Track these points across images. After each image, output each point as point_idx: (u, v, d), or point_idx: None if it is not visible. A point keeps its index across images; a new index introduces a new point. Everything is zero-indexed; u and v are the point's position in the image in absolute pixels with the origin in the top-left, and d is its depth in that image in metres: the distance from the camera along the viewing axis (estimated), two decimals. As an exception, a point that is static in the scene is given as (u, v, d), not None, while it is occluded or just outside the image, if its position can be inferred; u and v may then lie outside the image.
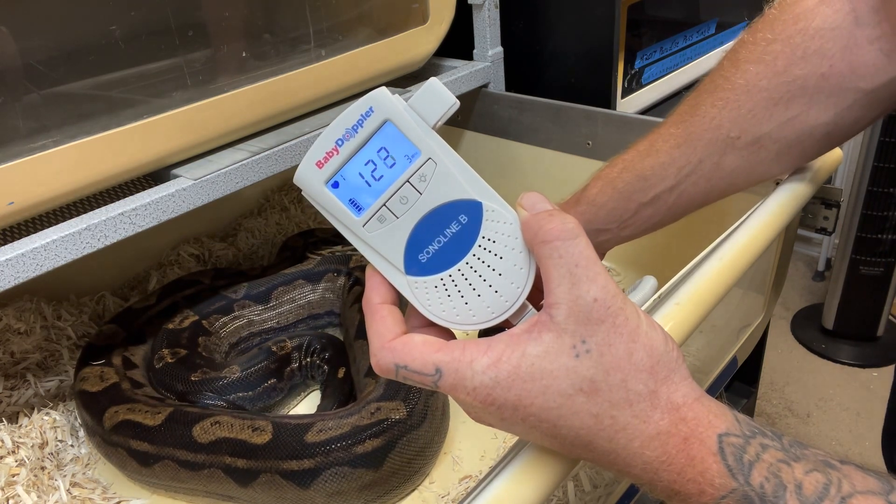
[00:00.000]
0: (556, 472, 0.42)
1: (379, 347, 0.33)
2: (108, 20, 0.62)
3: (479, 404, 0.31)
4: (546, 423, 0.31)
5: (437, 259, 0.34)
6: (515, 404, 0.31)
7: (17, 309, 0.83)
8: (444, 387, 0.32)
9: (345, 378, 0.74)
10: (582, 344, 0.30)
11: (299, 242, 0.97)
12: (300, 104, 0.78)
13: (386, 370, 0.33)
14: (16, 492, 0.63)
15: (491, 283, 0.33)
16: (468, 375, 0.31)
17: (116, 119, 0.63)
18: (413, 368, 0.32)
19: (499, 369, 0.31)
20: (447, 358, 0.32)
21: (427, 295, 0.34)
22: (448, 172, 0.33)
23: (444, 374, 0.32)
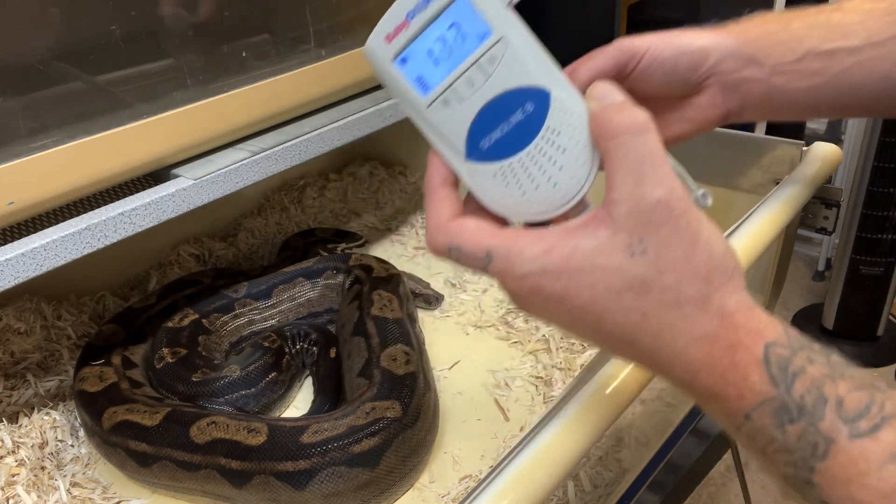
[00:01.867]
0: (556, 472, 0.42)
1: (435, 227, 0.34)
2: (108, 20, 0.62)
3: (525, 292, 0.31)
4: (591, 316, 0.31)
5: (499, 146, 0.33)
6: (562, 295, 0.30)
7: (17, 309, 0.83)
8: (493, 271, 0.32)
9: (336, 358, 0.75)
10: (639, 244, 0.29)
11: (299, 242, 0.97)
12: (300, 104, 0.78)
13: (439, 250, 0.34)
14: (16, 492, 0.63)
15: (551, 175, 0.32)
16: (517, 263, 0.31)
17: (116, 119, 0.63)
18: (465, 251, 0.32)
19: (549, 259, 0.30)
20: (499, 243, 0.32)
21: (485, 182, 0.33)
22: (518, 56, 0.32)
23: (495, 258, 0.32)
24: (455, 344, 0.82)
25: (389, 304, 0.75)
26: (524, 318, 0.85)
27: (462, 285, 0.93)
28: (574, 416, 0.44)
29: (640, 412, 0.72)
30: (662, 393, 0.76)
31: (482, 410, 0.72)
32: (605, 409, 0.45)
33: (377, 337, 0.70)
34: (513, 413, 0.72)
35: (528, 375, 0.76)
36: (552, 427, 0.43)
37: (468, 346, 0.82)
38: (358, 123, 0.79)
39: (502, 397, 0.74)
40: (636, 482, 0.70)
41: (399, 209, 1.13)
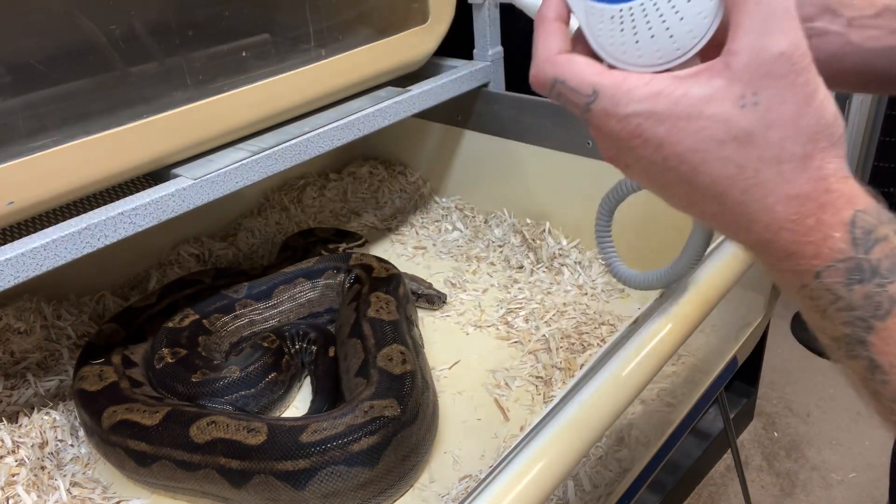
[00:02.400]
0: (556, 472, 0.42)
1: (543, 59, 0.33)
2: (108, 20, 0.62)
3: (625, 135, 0.31)
4: (686, 165, 0.30)
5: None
6: (662, 140, 0.30)
7: (17, 309, 0.83)
8: (596, 111, 0.32)
9: (335, 357, 0.75)
10: (752, 96, 0.29)
11: (299, 242, 0.97)
12: (300, 104, 0.78)
13: (543, 83, 0.33)
14: (16, 491, 0.63)
15: (669, 26, 0.31)
16: (623, 102, 0.30)
17: (116, 119, 0.63)
18: (570, 85, 0.32)
19: (657, 101, 0.30)
20: (607, 81, 0.31)
21: (600, 25, 0.32)
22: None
23: (600, 96, 0.31)
24: (455, 344, 0.82)
25: (386, 306, 0.75)
26: (525, 318, 0.85)
27: (462, 285, 0.93)
28: (574, 416, 0.44)
29: (640, 412, 0.72)
30: (662, 393, 0.76)
31: (482, 410, 0.72)
32: (604, 409, 0.45)
33: (373, 338, 0.70)
34: (513, 413, 0.72)
35: (528, 375, 0.76)
36: (552, 427, 0.43)
37: (468, 346, 0.82)
38: (358, 123, 0.79)
39: (502, 397, 0.74)
40: (636, 482, 0.70)
41: (399, 209, 1.13)
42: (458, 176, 1.09)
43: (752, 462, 1.40)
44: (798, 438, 1.48)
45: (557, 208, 0.97)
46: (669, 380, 0.76)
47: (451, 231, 1.05)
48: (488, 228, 1.03)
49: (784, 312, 1.94)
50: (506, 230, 1.01)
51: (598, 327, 0.81)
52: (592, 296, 0.88)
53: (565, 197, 0.95)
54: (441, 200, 1.12)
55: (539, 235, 0.97)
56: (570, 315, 0.84)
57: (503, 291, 0.91)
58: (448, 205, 1.11)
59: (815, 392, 1.66)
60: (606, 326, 0.81)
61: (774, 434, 1.49)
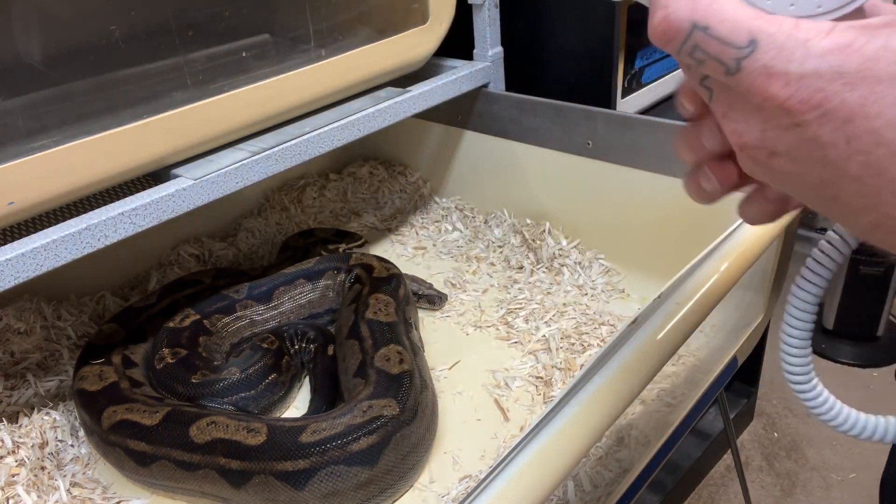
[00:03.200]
0: (556, 472, 0.42)
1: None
2: (108, 20, 0.62)
3: (795, 104, 0.22)
4: (884, 149, 0.22)
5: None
6: (853, 113, 0.22)
7: (17, 309, 0.83)
8: (750, 69, 0.23)
9: (334, 356, 0.76)
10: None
11: (299, 242, 0.97)
12: (300, 104, 0.78)
13: (675, 28, 0.24)
14: (16, 492, 0.63)
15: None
16: (797, 57, 0.22)
17: (116, 119, 0.63)
18: (717, 33, 0.23)
19: (846, 57, 0.22)
20: (771, 28, 0.23)
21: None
22: None
23: (761, 48, 0.23)
24: (455, 344, 0.82)
25: (385, 307, 0.75)
26: (525, 318, 0.85)
27: (462, 286, 0.93)
28: (574, 416, 0.44)
29: (640, 412, 0.72)
30: (662, 393, 0.76)
31: (482, 410, 0.72)
32: (604, 409, 0.45)
33: (370, 339, 0.71)
34: (513, 413, 0.72)
35: (528, 375, 0.76)
36: (552, 427, 0.43)
37: (468, 346, 0.82)
38: (358, 124, 0.79)
39: (502, 397, 0.74)
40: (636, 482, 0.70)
41: (399, 209, 1.13)
42: (458, 176, 1.09)
43: (752, 462, 1.40)
44: (798, 438, 1.48)
45: (557, 208, 0.97)
46: (669, 380, 0.76)
47: (451, 231, 1.05)
48: (488, 229, 1.03)
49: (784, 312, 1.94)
50: (506, 230, 1.01)
51: (598, 327, 0.81)
52: (592, 296, 0.88)
53: (565, 197, 0.95)
54: (441, 201, 1.12)
55: (539, 236, 0.97)
56: (570, 315, 0.84)
57: (503, 292, 0.91)
58: (448, 205, 1.11)
59: (815, 392, 1.65)
60: (606, 326, 0.81)
61: (774, 434, 1.49)
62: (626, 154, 0.84)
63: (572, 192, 0.93)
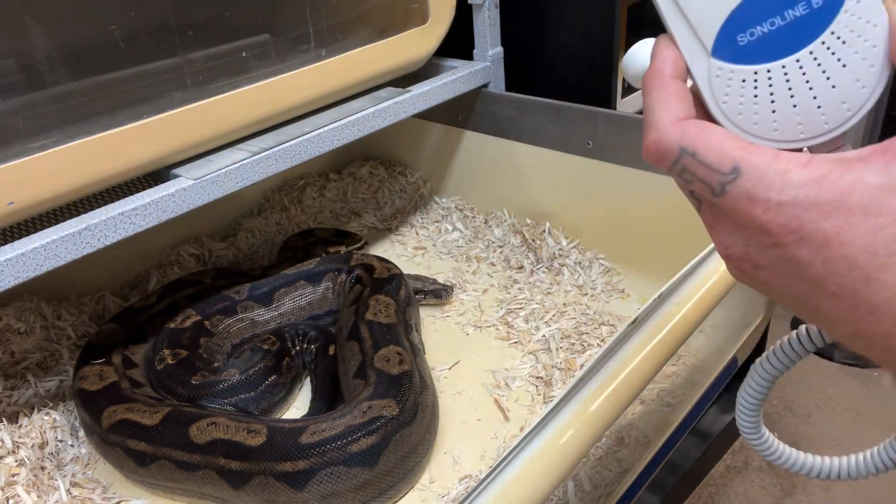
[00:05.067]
0: (556, 472, 0.42)
1: (667, 123, 0.27)
2: (108, 20, 0.62)
3: (775, 228, 0.24)
4: (857, 272, 0.24)
5: (761, 46, 0.26)
6: (828, 239, 0.24)
7: (17, 309, 0.83)
8: (734, 194, 0.25)
9: (334, 356, 0.76)
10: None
11: (300, 242, 0.97)
12: (300, 104, 0.78)
13: (665, 152, 0.27)
14: (16, 492, 0.63)
15: (818, 94, 0.26)
16: (777, 186, 0.24)
17: (116, 119, 0.63)
18: (703, 159, 0.26)
19: (822, 189, 0.23)
20: (753, 158, 0.25)
21: (728, 89, 0.27)
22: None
23: (744, 176, 0.25)
24: (455, 344, 0.82)
25: (385, 309, 0.75)
26: (525, 318, 0.85)
27: (462, 285, 0.93)
28: (574, 416, 0.44)
29: (640, 412, 0.72)
30: (662, 393, 0.76)
31: (482, 410, 0.72)
32: (604, 409, 0.45)
33: (370, 340, 0.71)
34: (513, 413, 0.72)
35: (528, 375, 0.76)
36: (552, 427, 0.43)
37: (468, 346, 0.82)
38: (358, 124, 0.79)
39: (502, 397, 0.74)
40: (636, 482, 0.70)
41: (399, 209, 1.13)
42: (458, 176, 1.09)
43: (752, 462, 1.40)
44: (798, 438, 1.48)
45: (557, 208, 0.97)
46: (669, 380, 0.76)
47: (451, 231, 1.05)
48: (488, 229, 1.03)
49: (784, 312, 1.94)
50: (506, 230, 1.01)
51: (598, 327, 0.81)
52: (592, 296, 0.88)
53: (565, 197, 0.95)
54: (441, 200, 1.12)
55: (539, 236, 0.97)
56: (570, 315, 0.84)
57: (503, 292, 0.91)
58: (448, 205, 1.11)
59: (815, 392, 1.66)
60: (606, 326, 0.81)
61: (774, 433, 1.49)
62: (626, 154, 0.84)
63: (572, 192, 0.93)
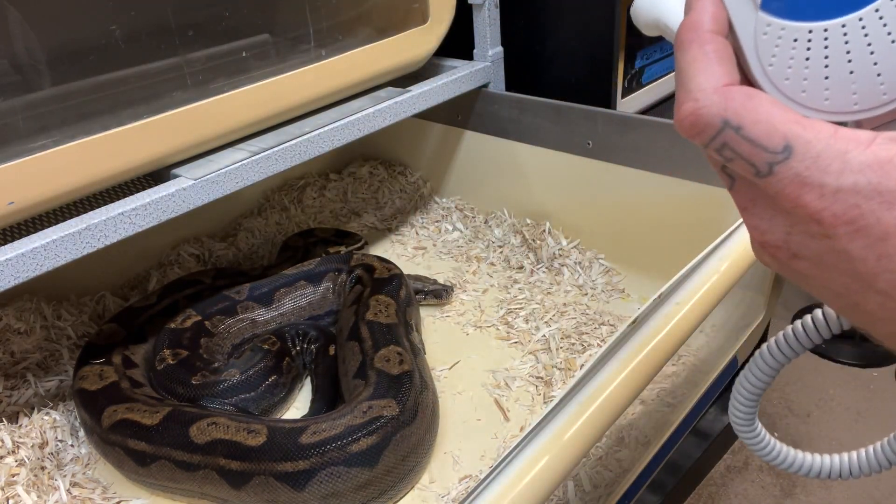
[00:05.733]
0: (556, 472, 0.42)
1: (708, 90, 0.23)
2: (108, 20, 0.62)
3: (828, 217, 0.21)
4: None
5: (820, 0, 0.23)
6: (888, 233, 0.21)
7: (17, 309, 0.83)
8: (783, 176, 0.22)
9: (335, 356, 0.76)
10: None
11: (300, 242, 0.97)
12: (300, 104, 0.78)
13: (705, 123, 0.23)
14: (16, 492, 0.63)
15: (879, 59, 0.22)
16: (833, 169, 0.21)
17: (116, 119, 0.63)
18: (750, 134, 0.22)
19: (886, 174, 0.20)
20: (808, 135, 0.21)
21: (777, 49, 0.23)
22: None
23: (796, 155, 0.21)
24: (455, 344, 0.82)
25: (385, 309, 0.75)
26: (525, 318, 0.85)
27: (462, 285, 0.93)
28: (574, 416, 0.44)
29: (640, 412, 0.72)
30: (662, 393, 0.76)
31: (482, 410, 0.72)
32: (605, 409, 0.45)
33: (370, 340, 0.71)
34: (513, 413, 0.72)
35: (528, 375, 0.76)
36: (552, 427, 0.43)
37: (468, 346, 0.82)
38: (358, 124, 0.79)
39: (502, 397, 0.74)
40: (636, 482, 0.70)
41: (399, 209, 1.13)
42: (458, 176, 1.09)
43: (752, 462, 1.40)
44: (798, 438, 1.48)
45: (557, 208, 0.97)
46: (669, 380, 0.76)
47: (451, 231, 1.05)
48: (488, 229, 1.03)
49: (784, 313, 1.94)
50: (506, 230, 1.01)
51: (598, 327, 0.81)
52: (592, 296, 0.88)
53: (565, 197, 0.95)
54: (441, 200, 1.12)
55: (539, 235, 0.97)
56: (570, 315, 0.84)
57: (503, 292, 0.91)
58: (448, 205, 1.11)
59: (815, 392, 1.66)
60: (606, 326, 0.81)
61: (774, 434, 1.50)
62: (626, 154, 0.84)
63: (572, 192, 0.93)
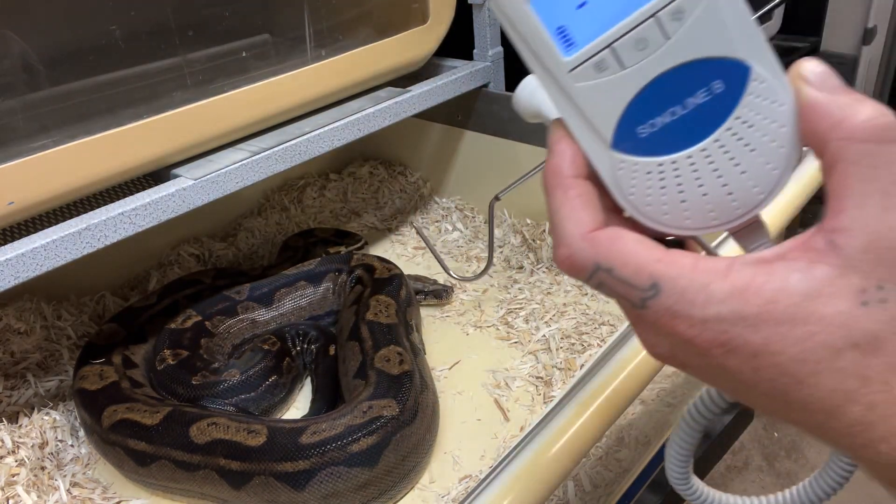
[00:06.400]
0: (556, 472, 0.42)
1: (578, 237, 0.25)
2: (108, 20, 0.62)
3: (701, 343, 0.23)
4: (788, 378, 0.23)
5: (663, 137, 0.24)
6: (757, 350, 0.23)
7: (17, 309, 0.83)
8: (656, 309, 0.24)
9: (335, 356, 0.76)
10: (877, 290, 0.22)
11: (300, 242, 0.97)
12: (300, 104, 0.78)
13: (580, 268, 0.25)
14: (16, 492, 0.63)
15: (727, 181, 0.24)
16: (699, 302, 0.23)
17: (116, 119, 0.63)
18: (620, 275, 0.24)
19: (746, 301, 0.22)
20: (672, 272, 0.23)
21: (633, 181, 0.25)
22: (717, 12, 0.23)
23: (664, 292, 0.23)
24: (455, 344, 0.82)
25: (386, 309, 0.75)
26: (525, 318, 0.85)
27: (462, 286, 0.93)
28: (574, 416, 0.44)
29: (640, 412, 0.72)
30: (662, 393, 0.76)
31: (482, 410, 0.72)
32: (604, 409, 0.45)
33: (370, 340, 0.71)
34: (513, 413, 0.72)
35: (528, 375, 0.76)
36: (552, 427, 0.43)
37: (468, 346, 0.82)
38: (358, 123, 0.79)
39: (502, 397, 0.74)
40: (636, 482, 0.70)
41: (399, 209, 1.13)
42: (458, 176, 1.09)
43: (752, 462, 1.40)
44: (798, 438, 1.48)
45: (557, 208, 0.97)
46: (670, 380, 0.76)
47: (451, 231, 1.05)
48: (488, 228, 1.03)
49: (784, 312, 1.94)
50: (506, 230, 1.01)
51: (598, 327, 0.81)
52: (592, 296, 0.88)
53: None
54: (441, 200, 1.12)
55: (539, 235, 0.97)
56: (570, 315, 0.84)
57: (503, 291, 0.91)
58: (448, 205, 1.11)
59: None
60: (606, 326, 0.81)
61: (774, 434, 1.49)
62: (626, 154, 0.84)
63: (572, 192, 0.93)
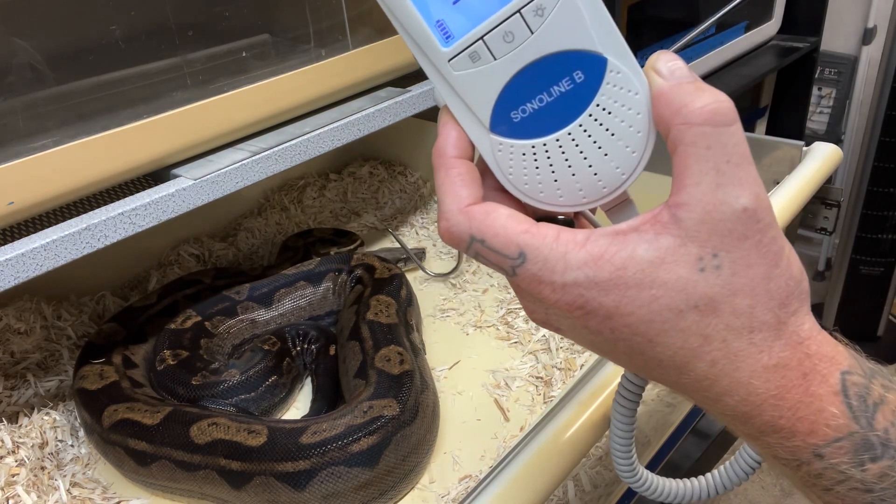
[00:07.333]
0: (556, 472, 0.42)
1: (455, 211, 0.28)
2: (108, 20, 0.62)
3: (563, 306, 0.27)
4: (640, 338, 0.26)
5: (534, 121, 0.27)
6: (610, 312, 0.26)
7: (17, 309, 0.83)
8: (524, 276, 0.27)
9: (335, 356, 0.76)
10: (712, 258, 0.25)
11: (299, 243, 0.97)
12: (300, 104, 0.78)
13: (457, 239, 0.28)
14: (16, 492, 0.63)
15: (593, 162, 0.28)
16: (559, 269, 0.26)
17: (116, 119, 0.63)
18: (492, 245, 0.27)
19: (599, 268, 0.26)
20: (536, 242, 0.27)
21: (511, 161, 0.28)
22: (575, 10, 0.26)
23: (529, 260, 0.27)
24: (455, 344, 0.82)
25: (386, 309, 0.75)
26: (525, 318, 0.85)
27: (462, 285, 0.93)
28: (574, 416, 0.44)
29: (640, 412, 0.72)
30: (662, 393, 0.76)
31: (482, 410, 0.72)
32: (605, 409, 0.45)
33: (370, 340, 0.71)
34: (513, 413, 0.72)
35: (528, 375, 0.76)
36: (552, 427, 0.43)
37: (468, 346, 0.82)
38: (358, 123, 0.79)
39: (502, 397, 0.74)
40: (636, 482, 0.70)
41: (399, 209, 1.13)
42: (458, 176, 1.09)
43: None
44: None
45: (557, 208, 0.97)
46: (669, 380, 0.76)
47: (451, 231, 1.05)
48: (488, 228, 1.03)
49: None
50: (506, 230, 1.01)
51: (598, 327, 0.81)
52: (592, 296, 0.88)
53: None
54: (441, 200, 1.12)
55: (539, 235, 0.97)
56: (570, 315, 0.84)
57: (503, 291, 0.91)
58: (448, 205, 1.10)
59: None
60: (606, 326, 0.81)
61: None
62: (626, 154, 0.84)
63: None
